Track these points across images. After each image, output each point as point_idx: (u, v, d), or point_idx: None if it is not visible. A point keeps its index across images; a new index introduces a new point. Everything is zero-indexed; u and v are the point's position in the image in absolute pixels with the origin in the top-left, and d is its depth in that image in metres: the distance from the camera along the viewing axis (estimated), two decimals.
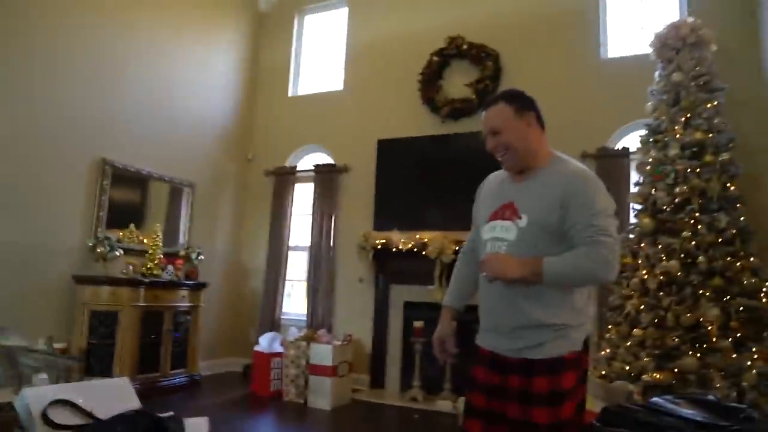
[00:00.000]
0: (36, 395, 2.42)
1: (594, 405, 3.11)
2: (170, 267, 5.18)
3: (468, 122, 5.48)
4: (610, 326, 4.13)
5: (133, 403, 2.71)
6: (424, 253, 5.14)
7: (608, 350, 4.02)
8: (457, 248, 4.77)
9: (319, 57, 6.82)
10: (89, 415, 2.46)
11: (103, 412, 2.50)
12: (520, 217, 1.72)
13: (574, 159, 1.81)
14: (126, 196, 5.17)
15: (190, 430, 2.77)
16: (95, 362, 4.41)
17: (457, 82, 5.65)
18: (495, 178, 1.95)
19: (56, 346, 4.12)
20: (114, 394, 2.69)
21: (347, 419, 4.51)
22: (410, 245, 5.29)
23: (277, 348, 5.21)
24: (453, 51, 5.71)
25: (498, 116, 1.79)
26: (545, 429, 1.61)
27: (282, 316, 6.12)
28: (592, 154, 4.96)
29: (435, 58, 5.76)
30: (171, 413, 2.76)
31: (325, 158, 6.32)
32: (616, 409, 2.01)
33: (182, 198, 5.83)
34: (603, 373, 3.92)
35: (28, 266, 4.33)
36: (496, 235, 1.77)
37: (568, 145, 4.94)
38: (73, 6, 4.73)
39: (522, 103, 1.80)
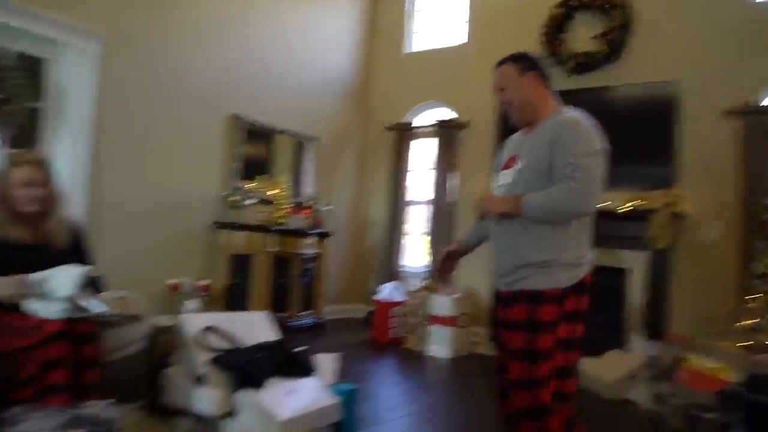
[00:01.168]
0: (190, 321, 2.68)
1: (732, 376, 2.87)
2: (297, 216, 5.44)
3: (593, 77, 5.13)
4: (753, 295, 3.80)
5: (272, 334, 2.92)
6: None
7: (751, 320, 3.71)
8: None
9: (441, 12, 6.67)
10: (233, 341, 2.69)
11: (245, 340, 2.72)
12: (518, 163, 1.96)
13: (575, 110, 1.92)
14: (255, 149, 5.47)
15: (322, 364, 2.94)
16: (233, 301, 4.79)
17: (583, 35, 5.30)
18: (514, 136, 2.16)
19: (201, 282, 4.54)
20: (254, 326, 2.91)
21: (466, 369, 4.55)
22: None
23: (398, 297, 5.34)
24: (576, 2, 5.38)
25: (503, 75, 2.03)
26: (519, 354, 1.80)
27: (401, 268, 6.25)
28: (737, 110, 4.47)
29: (557, 10, 5.45)
30: (305, 347, 2.93)
31: (447, 113, 6.25)
32: (766, 377, 1.85)
33: (307, 152, 6.06)
34: (748, 343, 3.62)
35: (175, 213, 4.75)
36: (501, 182, 2.04)
37: (710, 100, 4.56)
38: None
39: (526, 63, 2.02)
